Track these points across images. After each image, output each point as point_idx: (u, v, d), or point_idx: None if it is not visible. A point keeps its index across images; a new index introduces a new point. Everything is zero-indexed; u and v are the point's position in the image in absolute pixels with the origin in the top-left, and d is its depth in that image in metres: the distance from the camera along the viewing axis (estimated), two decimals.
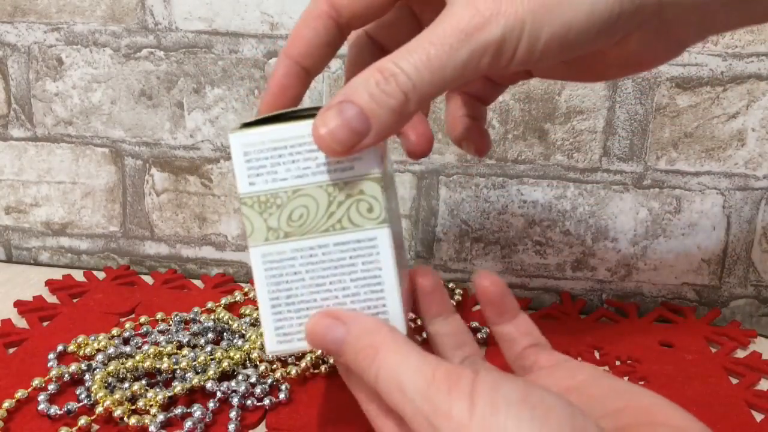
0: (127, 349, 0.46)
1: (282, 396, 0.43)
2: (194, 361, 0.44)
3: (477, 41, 0.25)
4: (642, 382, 0.46)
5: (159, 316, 0.52)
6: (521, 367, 0.32)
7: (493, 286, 0.31)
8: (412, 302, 0.32)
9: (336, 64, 0.58)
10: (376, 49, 0.34)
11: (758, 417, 0.43)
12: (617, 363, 0.49)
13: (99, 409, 0.40)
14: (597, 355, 0.50)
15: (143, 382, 0.43)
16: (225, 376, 0.44)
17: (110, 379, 0.43)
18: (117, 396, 0.41)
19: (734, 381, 0.47)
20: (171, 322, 0.51)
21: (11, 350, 0.48)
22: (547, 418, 0.22)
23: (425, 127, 0.35)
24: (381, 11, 0.31)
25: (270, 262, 0.28)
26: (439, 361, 0.24)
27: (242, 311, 0.52)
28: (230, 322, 0.50)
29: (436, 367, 0.24)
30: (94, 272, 0.61)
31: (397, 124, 0.26)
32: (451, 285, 0.59)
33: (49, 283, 0.59)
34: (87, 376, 0.43)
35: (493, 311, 0.32)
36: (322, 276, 0.28)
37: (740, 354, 0.51)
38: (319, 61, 0.31)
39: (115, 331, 0.49)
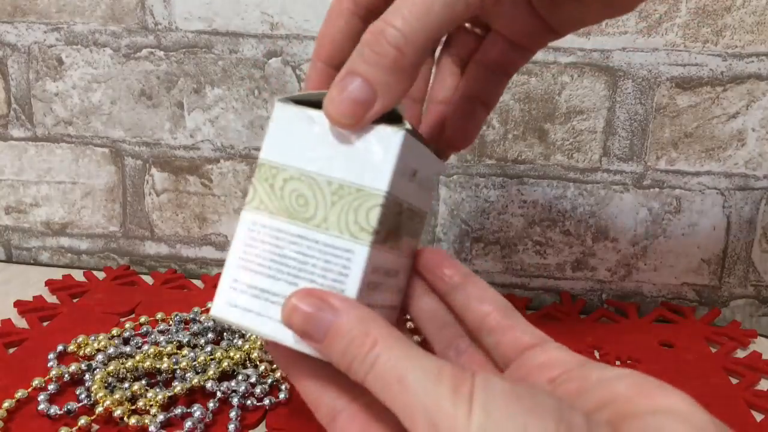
0: (127, 349, 0.46)
1: (282, 396, 0.43)
2: (194, 361, 0.44)
3: None
4: None
5: (159, 316, 0.52)
6: (496, 343, 0.29)
7: (430, 254, 0.30)
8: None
9: None
10: None
11: (758, 417, 0.43)
12: (617, 363, 0.49)
13: (99, 409, 0.40)
14: (597, 355, 0.50)
15: (143, 382, 0.43)
16: (225, 376, 0.44)
17: (110, 379, 0.43)
18: (117, 396, 0.41)
19: (734, 381, 0.47)
20: (171, 322, 0.51)
21: (11, 350, 0.48)
22: (534, 411, 0.22)
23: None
24: None
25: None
26: (441, 360, 0.24)
27: None
28: None
29: (441, 366, 0.24)
30: (94, 272, 0.61)
31: (402, 83, 0.25)
32: None
33: (49, 283, 0.58)
34: (87, 376, 0.43)
35: (434, 279, 0.30)
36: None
37: (740, 354, 0.51)
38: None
39: (115, 331, 0.49)
